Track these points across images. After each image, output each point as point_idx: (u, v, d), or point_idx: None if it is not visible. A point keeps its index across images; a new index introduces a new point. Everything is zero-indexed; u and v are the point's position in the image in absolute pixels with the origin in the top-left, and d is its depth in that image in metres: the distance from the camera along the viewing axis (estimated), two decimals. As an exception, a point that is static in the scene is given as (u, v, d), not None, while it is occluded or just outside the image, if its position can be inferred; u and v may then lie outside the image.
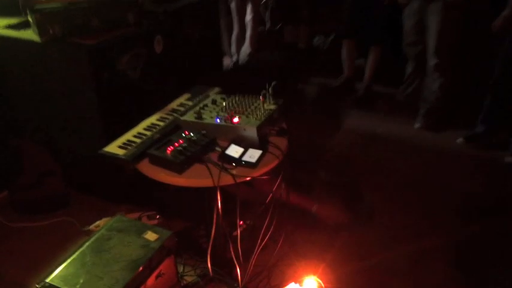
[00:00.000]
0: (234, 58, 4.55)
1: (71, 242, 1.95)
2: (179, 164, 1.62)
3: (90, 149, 2.12)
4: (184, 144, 1.70)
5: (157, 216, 2.29)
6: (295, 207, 2.30)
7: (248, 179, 1.67)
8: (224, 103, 1.96)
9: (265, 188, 2.00)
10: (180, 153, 1.66)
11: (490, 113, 3.09)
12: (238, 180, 1.63)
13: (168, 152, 1.67)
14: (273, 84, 1.91)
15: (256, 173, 1.68)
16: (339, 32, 3.99)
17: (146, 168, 1.70)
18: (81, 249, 1.66)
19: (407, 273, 2.13)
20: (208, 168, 1.64)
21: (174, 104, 2.07)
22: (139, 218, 2.31)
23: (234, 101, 1.97)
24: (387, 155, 3.15)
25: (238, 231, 1.82)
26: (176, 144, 1.71)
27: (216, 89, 2.19)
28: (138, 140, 1.78)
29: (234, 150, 1.74)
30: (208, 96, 2.10)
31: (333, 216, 2.44)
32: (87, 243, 1.72)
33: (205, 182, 1.63)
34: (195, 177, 1.65)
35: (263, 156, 1.73)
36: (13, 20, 2.56)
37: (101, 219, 2.35)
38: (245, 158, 1.70)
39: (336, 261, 2.11)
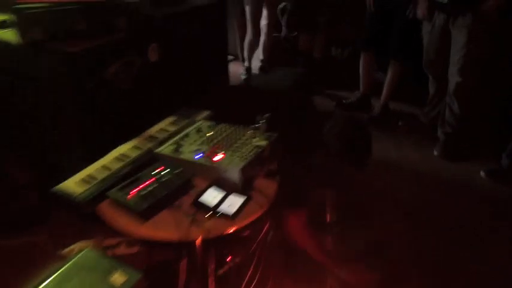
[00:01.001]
0: (246, 64, 4.28)
1: (39, 267, 1.73)
2: (141, 213, 1.37)
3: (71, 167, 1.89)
4: (153, 186, 1.45)
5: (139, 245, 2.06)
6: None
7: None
8: (209, 133, 1.70)
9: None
10: (144, 198, 1.40)
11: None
12: (210, 236, 1.37)
13: (130, 196, 1.41)
14: (266, 116, 1.63)
15: (234, 227, 1.41)
16: (358, 43, 3.68)
17: (107, 211, 1.45)
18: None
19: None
20: (176, 219, 1.38)
21: (154, 130, 1.82)
22: (118, 244, 2.08)
23: (221, 132, 1.71)
24: (396, 184, 2.84)
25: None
26: (143, 184, 1.45)
27: (206, 113, 1.92)
28: (101, 175, 1.53)
29: (212, 196, 1.47)
30: (194, 122, 1.83)
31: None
32: (42, 286, 1.49)
33: (172, 235, 1.36)
34: (159, 229, 1.39)
35: (246, 204, 1.46)
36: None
37: (76, 242, 2.14)
38: (222, 207, 1.44)
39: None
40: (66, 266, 1.56)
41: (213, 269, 1.43)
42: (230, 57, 4.65)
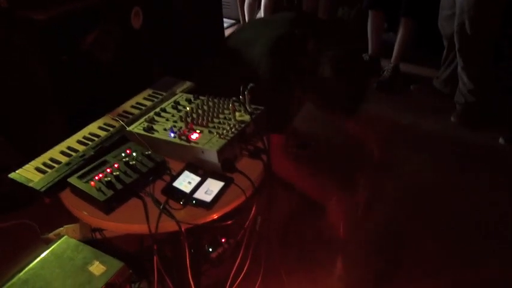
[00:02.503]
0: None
1: (25, 251, 1.62)
2: (104, 203, 1.19)
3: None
4: (119, 171, 1.27)
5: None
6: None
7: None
8: (187, 108, 1.50)
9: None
10: (109, 186, 1.22)
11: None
12: (184, 228, 1.19)
13: (93, 183, 1.23)
14: (249, 86, 1.42)
15: (211, 215, 1.23)
16: (365, 2, 3.38)
17: (69, 200, 1.29)
18: (12, 282, 1.31)
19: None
20: (145, 208, 1.21)
21: (128, 104, 1.62)
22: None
23: (201, 106, 1.51)
24: (408, 155, 2.62)
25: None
26: (108, 170, 1.27)
27: (187, 84, 1.72)
28: (64, 159, 1.35)
29: (187, 181, 1.29)
30: (173, 94, 1.63)
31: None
32: (20, 275, 1.36)
33: (140, 227, 1.19)
34: (126, 221, 1.22)
35: (225, 190, 1.28)
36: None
37: (63, 225, 2.02)
38: (198, 194, 1.25)
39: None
40: (44, 254, 1.45)
41: (189, 262, 1.26)
42: (230, 21, 4.38)
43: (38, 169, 1.32)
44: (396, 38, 3.30)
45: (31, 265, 1.34)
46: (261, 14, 3.96)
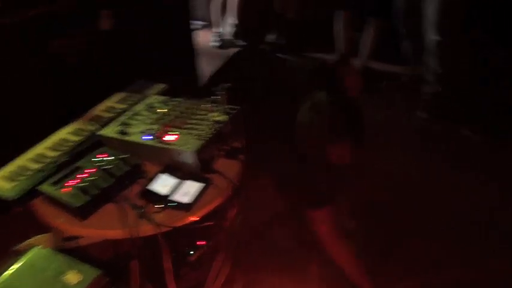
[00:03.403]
0: (218, 29, 4.01)
1: None
2: (79, 209, 1.16)
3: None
4: (94, 176, 1.23)
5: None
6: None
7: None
8: (162, 110, 1.47)
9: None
10: (83, 192, 1.19)
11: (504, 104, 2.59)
12: (162, 230, 1.17)
13: (66, 189, 1.20)
14: (226, 86, 1.41)
15: (191, 217, 1.22)
16: (333, 1, 3.41)
17: (42, 208, 1.24)
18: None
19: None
20: (122, 213, 1.18)
21: (100, 108, 1.59)
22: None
23: (175, 107, 1.49)
24: (381, 150, 2.66)
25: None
26: (82, 175, 1.24)
27: (160, 87, 1.69)
28: (35, 166, 1.31)
29: (164, 183, 1.27)
30: (146, 97, 1.61)
31: None
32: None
33: (117, 232, 1.17)
34: (103, 226, 1.19)
35: (204, 191, 1.26)
36: None
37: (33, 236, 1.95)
38: (176, 196, 1.24)
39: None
40: (15, 266, 1.40)
41: (170, 266, 1.24)
42: (200, 23, 4.35)
43: (7, 177, 1.27)
44: (364, 37, 3.35)
45: (2, 277, 1.29)
46: (230, 15, 3.96)
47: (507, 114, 2.71)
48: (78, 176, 1.24)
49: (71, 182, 1.21)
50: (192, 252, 1.75)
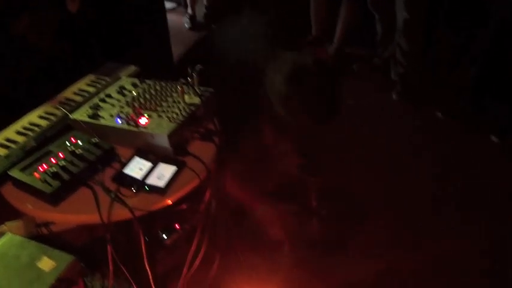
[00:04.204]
0: (190, 11, 3.94)
1: None
2: (51, 195, 1.13)
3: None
4: (65, 161, 1.21)
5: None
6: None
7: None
8: (134, 92, 1.45)
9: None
10: (55, 177, 1.16)
11: (476, 86, 2.65)
12: (138, 214, 1.16)
13: (38, 174, 1.17)
14: (197, 68, 1.40)
15: (166, 201, 1.21)
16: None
17: (11, 194, 1.21)
18: None
19: None
20: (96, 198, 1.16)
21: (70, 91, 1.54)
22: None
23: (148, 90, 1.46)
24: (354, 134, 2.70)
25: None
26: (53, 160, 1.21)
27: (132, 69, 1.66)
28: (3, 152, 1.27)
29: (138, 167, 1.25)
30: (117, 79, 1.57)
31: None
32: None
33: (90, 217, 1.15)
34: (76, 211, 1.17)
35: (179, 174, 1.25)
36: None
37: (4, 222, 1.91)
38: (151, 179, 1.22)
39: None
40: (-14, 254, 1.37)
41: (144, 250, 1.24)
42: (172, 4, 4.27)
43: (-26, 163, 1.23)
44: (337, 21, 3.35)
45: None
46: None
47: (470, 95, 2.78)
48: (49, 160, 1.21)
49: (42, 167, 1.19)
50: (166, 236, 1.75)
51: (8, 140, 1.32)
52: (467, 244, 1.95)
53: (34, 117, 1.41)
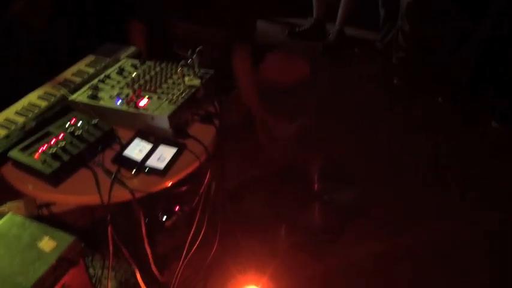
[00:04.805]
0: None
1: None
2: (51, 175, 1.14)
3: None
4: (65, 142, 1.21)
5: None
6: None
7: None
8: (134, 74, 1.44)
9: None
10: (55, 157, 1.16)
11: (477, 73, 2.63)
12: (137, 196, 1.17)
13: (38, 155, 1.17)
14: (198, 49, 1.39)
15: (165, 183, 1.21)
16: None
17: (12, 174, 1.22)
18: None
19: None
20: (96, 179, 1.16)
21: (69, 72, 1.53)
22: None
23: (148, 71, 1.45)
24: (354, 119, 2.69)
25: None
26: (53, 141, 1.21)
27: (131, 49, 1.65)
28: (2, 132, 1.27)
29: (138, 149, 1.25)
30: (117, 60, 1.56)
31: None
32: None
33: (91, 198, 1.16)
34: (76, 192, 1.17)
35: (178, 156, 1.25)
36: None
37: (6, 202, 1.92)
38: (150, 161, 1.22)
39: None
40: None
41: (144, 231, 1.25)
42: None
43: (-27, 144, 1.23)
44: (340, 2, 3.31)
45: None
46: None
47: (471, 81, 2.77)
48: (49, 141, 1.21)
49: (42, 148, 1.18)
50: (165, 218, 1.76)
51: (8, 120, 1.32)
52: (467, 228, 1.96)
53: (34, 98, 1.40)
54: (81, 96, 1.35)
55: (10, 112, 1.34)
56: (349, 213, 2.03)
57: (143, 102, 1.30)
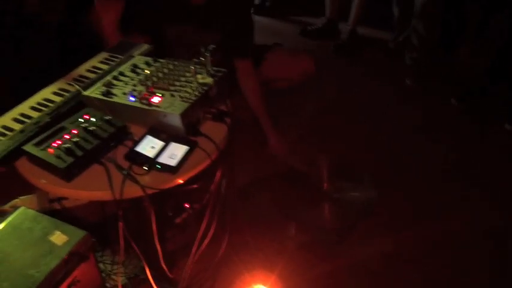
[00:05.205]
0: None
1: None
2: (65, 170, 1.15)
3: None
4: (78, 137, 1.22)
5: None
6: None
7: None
8: (147, 71, 1.45)
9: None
10: (69, 153, 1.17)
11: (493, 69, 2.61)
12: (149, 193, 1.18)
13: (52, 150, 1.18)
14: (210, 47, 1.39)
15: (177, 180, 1.22)
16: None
17: (26, 168, 1.23)
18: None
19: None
20: (108, 175, 1.17)
21: (83, 68, 1.55)
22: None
23: (161, 68, 1.46)
24: (365, 120, 2.68)
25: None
26: (66, 136, 1.22)
27: (145, 47, 1.65)
28: (18, 127, 1.29)
29: (150, 145, 1.26)
30: (130, 57, 1.57)
31: None
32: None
33: (103, 194, 1.17)
34: (89, 187, 1.18)
35: (190, 154, 1.26)
36: None
37: (18, 197, 1.94)
38: (162, 158, 1.23)
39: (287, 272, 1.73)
40: (0, 226, 1.40)
41: (155, 228, 1.26)
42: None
43: (-11, 137, 1.25)
44: (352, 1, 3.30)
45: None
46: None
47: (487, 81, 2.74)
48: (63, 136, 1.22)
49: (56, 143, 1.20)
50: (175, 215, 1.77)
51: (23, 115, 1.34)
52: (473, 226, 1.95)
53: (48, 94, 1.41)
54: (94, 92, 1.37)
55: (25, 107, 1.36)
56: (359, 213, 2.02)
57: (156, 100, 1.31)
